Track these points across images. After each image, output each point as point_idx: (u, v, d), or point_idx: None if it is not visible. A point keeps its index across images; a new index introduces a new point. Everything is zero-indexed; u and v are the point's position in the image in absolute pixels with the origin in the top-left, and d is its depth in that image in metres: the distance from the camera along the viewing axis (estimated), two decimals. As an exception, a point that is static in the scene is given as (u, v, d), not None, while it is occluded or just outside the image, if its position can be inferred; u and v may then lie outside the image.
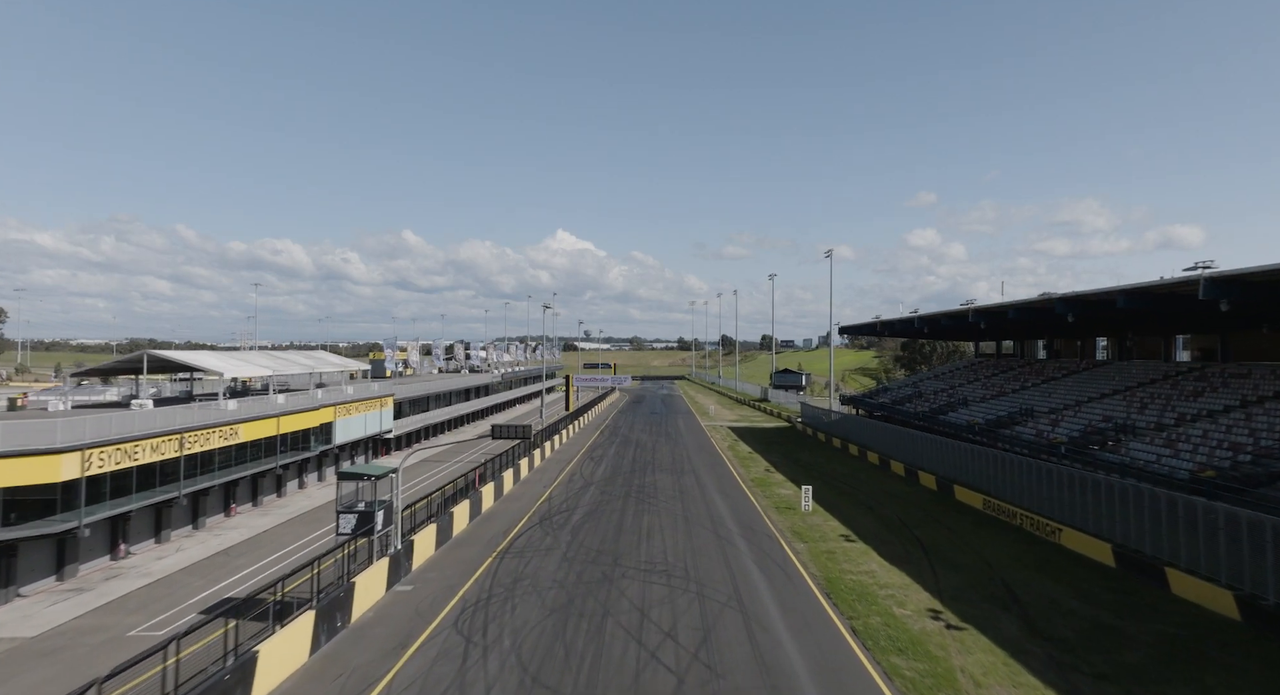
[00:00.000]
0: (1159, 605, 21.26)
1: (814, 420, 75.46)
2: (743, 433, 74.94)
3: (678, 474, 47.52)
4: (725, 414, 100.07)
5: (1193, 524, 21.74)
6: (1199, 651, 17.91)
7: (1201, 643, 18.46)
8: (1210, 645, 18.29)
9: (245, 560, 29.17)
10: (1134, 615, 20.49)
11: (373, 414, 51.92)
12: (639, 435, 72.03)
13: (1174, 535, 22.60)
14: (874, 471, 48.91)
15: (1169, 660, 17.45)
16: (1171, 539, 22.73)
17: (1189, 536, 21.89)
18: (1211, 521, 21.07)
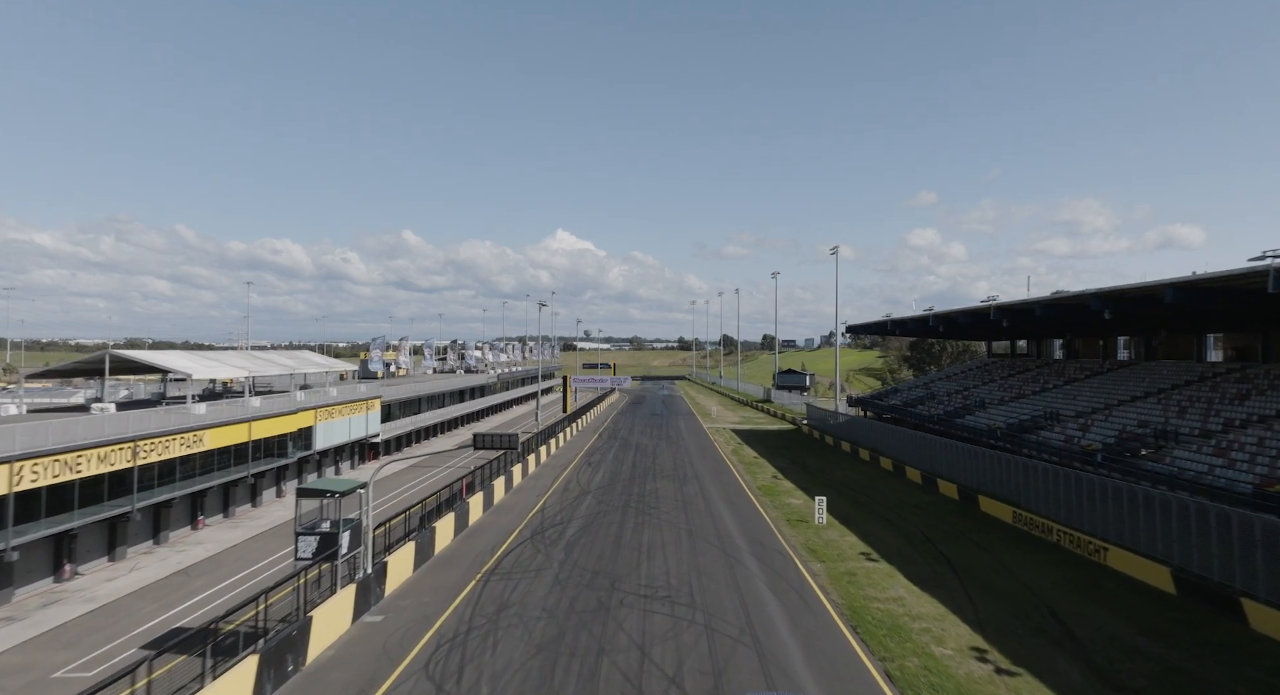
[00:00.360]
0: (1240, 644, 18.48)
1: (820, 422, 72.70)
2: (747, 435, 72.18)
3: (680, 481, 44.77)
4: (728, 415, 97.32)
5: (1273, 548, 18.98)
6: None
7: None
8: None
9: (205, 581, 26.41)
10: (1213, 656, 17.72)
11: (358, 417, 49.17)
12: (639, 438, 69.29)
13: (1249, 560, 19.85)
14: (888, 479, 46.14)
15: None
16: (1246, 564, 19.97)
17: (1270, 562, 19.13)
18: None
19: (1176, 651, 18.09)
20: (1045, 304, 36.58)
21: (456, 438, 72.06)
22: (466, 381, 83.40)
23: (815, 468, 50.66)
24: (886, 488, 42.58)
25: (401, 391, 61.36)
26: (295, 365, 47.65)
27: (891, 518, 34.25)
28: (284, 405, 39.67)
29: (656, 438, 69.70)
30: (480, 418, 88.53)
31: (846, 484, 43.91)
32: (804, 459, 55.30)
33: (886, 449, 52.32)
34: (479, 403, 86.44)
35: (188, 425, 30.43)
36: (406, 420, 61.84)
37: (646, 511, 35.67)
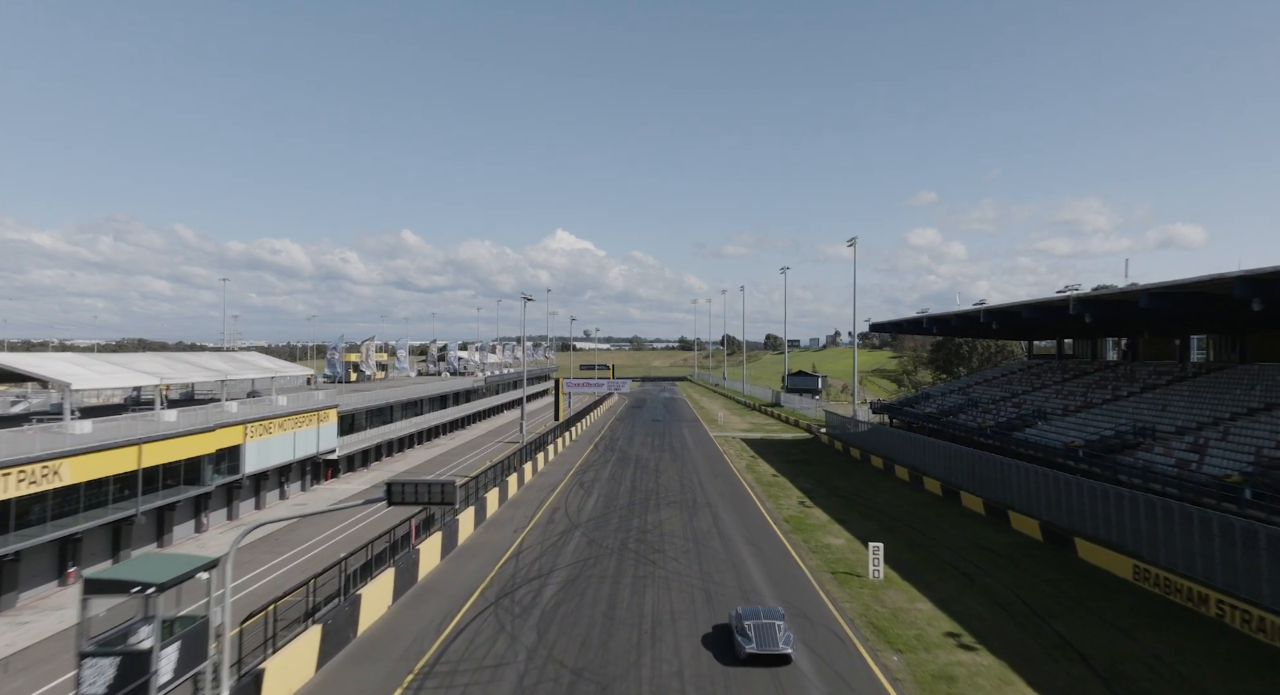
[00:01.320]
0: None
1: (841, 431, 65.07)
2: (760, 446, 64.51)
3: (689, 510, 37.10)
4: (735, 421, 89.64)
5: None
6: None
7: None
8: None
9: (30, 678, 18.71)
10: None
11: (305, 431, 41.49)
12: (639, 450, 61.61)
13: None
14: (940, 507, 38.42)
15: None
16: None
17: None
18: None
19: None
20: (1161, 292, 28.83)
21: (437, 448, 64.42)
22: (449, 385, 75.70)
23: (847, 490, 42.96)
24: (942, 520, 34.87)
25: (368, 399, 53.64)
26: (231, 369, 39.94)
27: (967, 569, 26.56)
28: (195, 421, 31.98)
29: (659, 449, 62.02)
30: (465, 425, 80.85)
31: (891, 514, 36.22)
32: (830, 477, 47.60)
33: (930, 467, 44.64)
34: (463, 409, 78.75)
35: (31, 455, 22.70)
36: (374, 431, 54.12)
37: (649, 558, 27.99)
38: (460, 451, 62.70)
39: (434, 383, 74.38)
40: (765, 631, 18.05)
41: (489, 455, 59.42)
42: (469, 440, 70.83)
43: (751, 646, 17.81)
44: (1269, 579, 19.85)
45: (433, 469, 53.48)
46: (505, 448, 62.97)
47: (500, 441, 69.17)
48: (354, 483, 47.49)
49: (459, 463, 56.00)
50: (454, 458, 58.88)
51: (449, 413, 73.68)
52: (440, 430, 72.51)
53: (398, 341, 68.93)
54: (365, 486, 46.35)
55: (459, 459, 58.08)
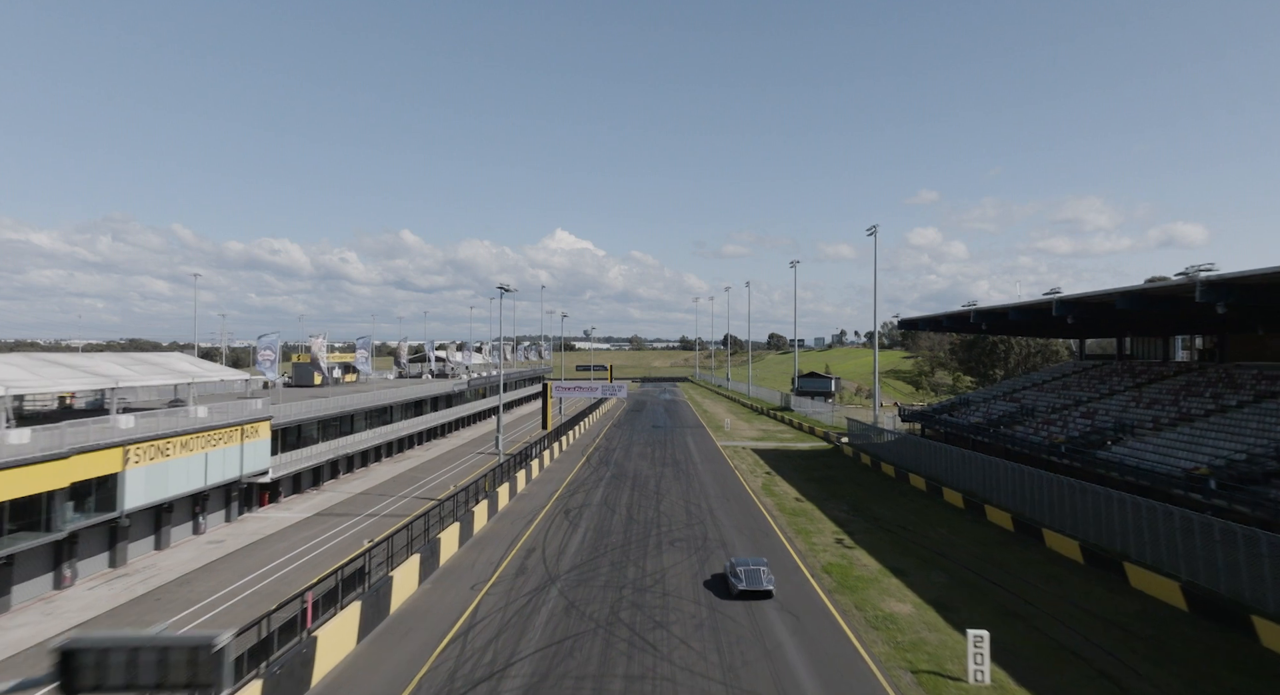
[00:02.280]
0: None
1: (867, 443, 57.21)
2: (774, 459, 56.63)
3: (700, 552, 29.24)
4: (743, 428, 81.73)
5: None
6: None
7: None
8: None
9: None
10: None
11: (224, 450, 33.62)
12: (637, 464, 53.73)
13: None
14: (1018, 549, 30.46)
15: None
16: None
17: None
18: None
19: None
20: None
21: (407, 461, 56.53)
22: (425, 389, 67.80)
23: (890, 521, 35.07)
24: (1028, 570, 26.92)
25: (318, 408, 45.76)
26: (128, 375, 32.01)
27: (1099, 661, 18.65)
28: (48, 443, 24.09)
29: (660, 463, 54.12)
30: (446, 432, 72.96)
31: (957, 559, 28.34)
32: (866, 503, 39.69)
33: (993, 493, 36.77)
34: (443, 415, 70.88)
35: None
36: (326, 446, 46.22)
37: (646, 638, 20.13)
38: (433, 466, 54.80)
39: (409, 386, 66.49)
40: (752, 574, 23.13)
41: (466, 470, 51.58)
42: (448, 451, 62.95)
43: (741, 585, 22.83)
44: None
45: (397, 488, 45.61)
46: (486, 460, 55.07)
47: (482, 452, 61.28)
48: (296, 509, 39.62)
49: (428, 481, 48.10)
50: (424, 474, 50.97)
51: (426, 420, 65.83)
52: (417, 439, 64.66)
53: (359, 341, 60.82)
54: (308, 513, 38.51)
55: (429, 476, 50.18)
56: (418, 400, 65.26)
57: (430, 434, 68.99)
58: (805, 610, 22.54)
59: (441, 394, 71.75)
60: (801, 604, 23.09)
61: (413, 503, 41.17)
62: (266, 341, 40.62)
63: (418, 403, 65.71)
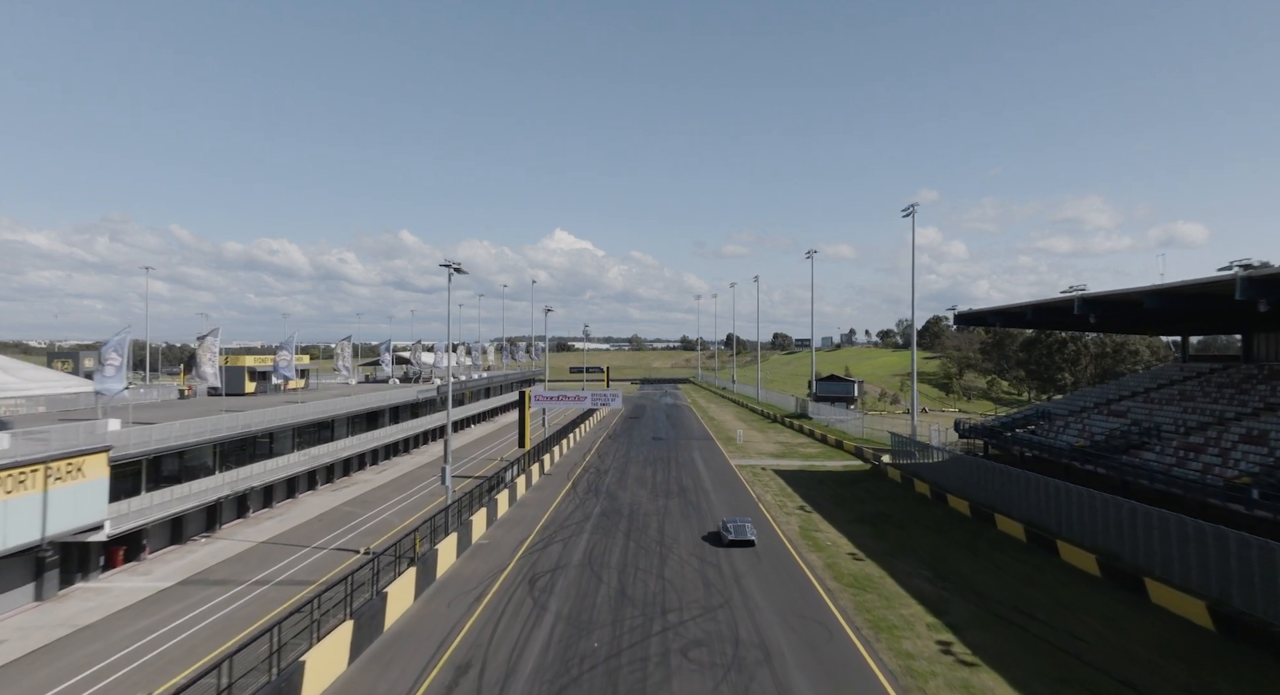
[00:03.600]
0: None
1: (917, 464, 46.33)
2: (804, 485, 45.64)
3: (733, 673, 18.20)
4: (758, 440, 70.75)
5: None
6: None
7: None
8: None
9: None
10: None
11: (22, 501, 22.58)
12: (635, 493, 42.74)
13: None
14: (1242, 665, 19.44)
15: None
16: None
17: None
18: None
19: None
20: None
21: (345, 492, 45.55)
22: (382, 398, 56.75)
23: (1005, 601, 24.04)
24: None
25: (200, 429, 34.66)
26: None
27: None
28: None
29: (663, 492, 43.11)
30: (411, 448, 61.91)
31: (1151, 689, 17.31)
32: (952, 563, 28.63)
33: (1162, 564, 25.63)
34: (403, 428, 59.81)
35: None
36: (220, 479, 35.17)
37: None
38: (380, 495, 43.81)
39: (363, 395, 55.45)
40: (739, 526, 30.91)
41: (420, 502, 40.68)
42: (406, 473, 51.93)
43: (731, 536, 30.34)
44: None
45: (320, 533, 34.64)
46: (455, 482, 44.08)
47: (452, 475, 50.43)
48: (158, 573, 28.60)
49: (366, 519, 37.14)
50: (364, 508, 39.98)
51: (381, 435, 54.79)
52: (371, 458, 53.64)
53: (294, 342, 49.76)
54: (172, 580, 27.52)
55: (370, 511, 39.18)
56: (370, 412, 54.25)
57: (390, 450, 57.97)
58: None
59: (404, 402, 60.75)
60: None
61: (330, 558, 30.19)
62: (114, 343, 29.40)
63: (371, 414, 54.70)
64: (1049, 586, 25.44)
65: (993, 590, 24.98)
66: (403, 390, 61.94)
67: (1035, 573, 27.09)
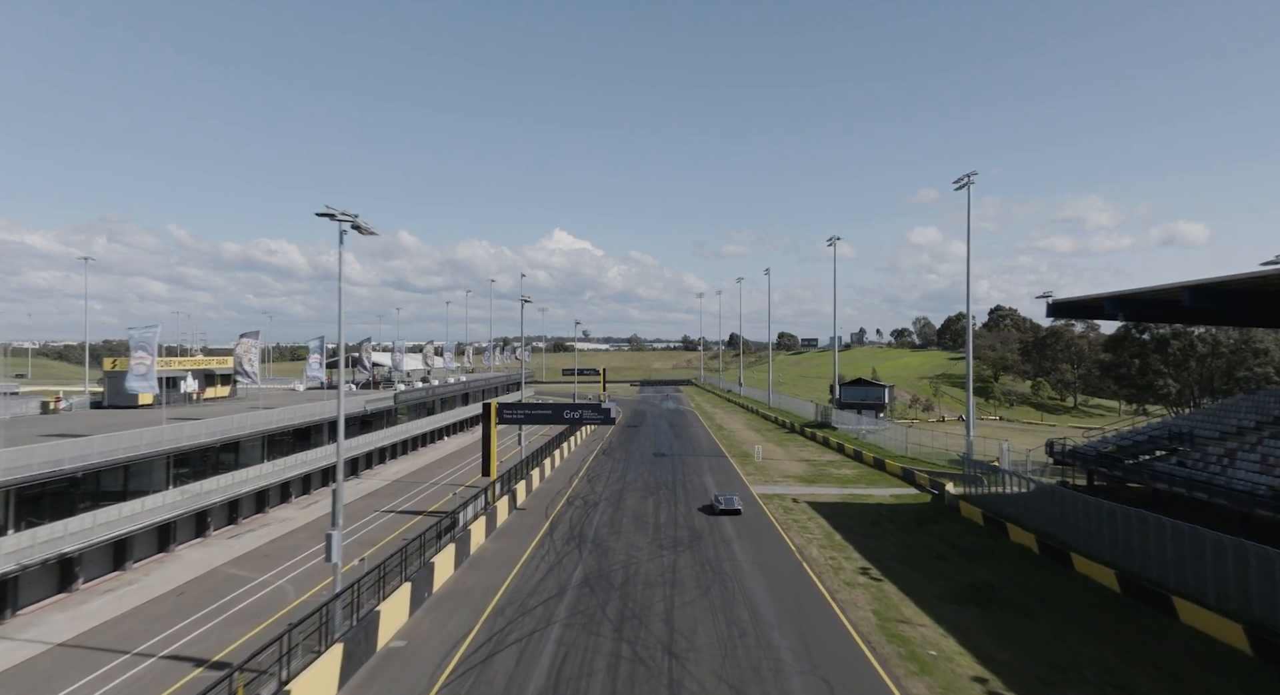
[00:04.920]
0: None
1: (989, 491, 35.15)
2: (854, 526, 34.36)
3: None
4: (779, 457, 59.54)
5: None
6: None
7: None
8: None
9: None
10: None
11: None
12: (630, 543, 31.43)
13: None
14: None
15: None
16: None
17: None
18: None
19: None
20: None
21: (263, 529, 34.27)
22: (316, 411, 45.47)
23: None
24: None
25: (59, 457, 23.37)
26: None
27: None
28: None
29: (671, 546, 31.69)
30: (364, 468, 50.59)
31: None
32: (1133, 685, 17.36)
33: None
34: (348, 446, 48.49)
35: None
36: (42, 533, 23.87)
37: None
38: (280, 551, 32.55)
39: (284, 409, 44.22)
40: (728, 498, 37.76)
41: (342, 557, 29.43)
42: (337, 507, 40.73)
43: (721, 506, 37.02)
44: None
45: (152, 629, 23.43)
46: (399, 522, 32.74)
47: (402, 509, 39.26)
48: None
49: (234, 606, 25.87)
50: (237, 585, 28.71)
51: (310, 458, 43.54)
52: (303, 485, 42.41)
53: (141, 336, 38.34)
54: None
55: (248, 588, 27.93)
56: (305, 426, 42.98)
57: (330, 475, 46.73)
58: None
59: (353, 414, 49.43)
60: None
61: (156, 677, 18.95)
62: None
63: (301, 432, 43.45)
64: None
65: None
66: (352, 399, 50.65)
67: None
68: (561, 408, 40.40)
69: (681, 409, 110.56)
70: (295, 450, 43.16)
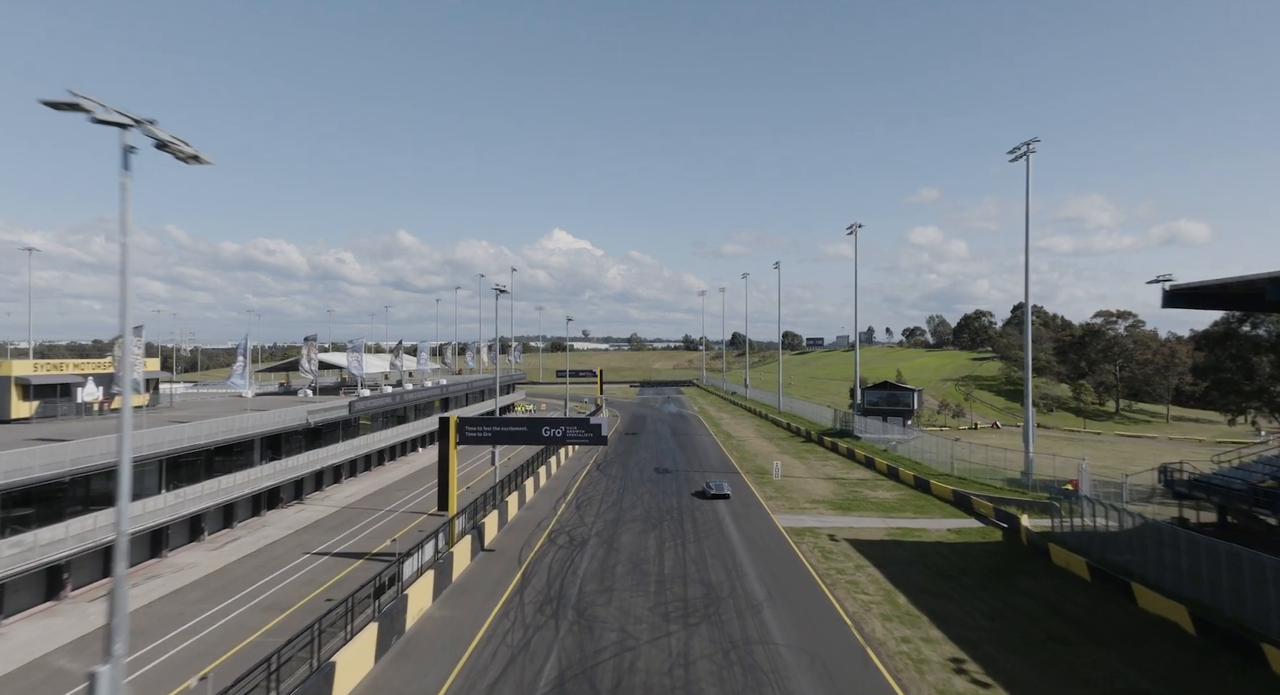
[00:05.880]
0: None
1: (1078, 528, 26.94)
2: (918, 581, 26.12)
3: None
4: (799, 473, 51.30)
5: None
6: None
7: None
8: None
9: None
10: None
11: None
12: (626, 609, 23.19)
13: None
14: None
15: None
16: None
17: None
18: None
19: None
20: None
21: (156, 581, 25.94)
22: (237, 426, 37.05)
23: None
24: None
25: None
26: None
27: None
28: None
29: (679, 616, 23.31)
30: (298, 496, 42.25)
31: None
32: None
33: None
34: (284, 467, 40.16)
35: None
36: None
37: None
38: (156, 623, 24.19)
39: (195, 425, 35.85)
40: (718, 485, 42.17)
41: (198, 652, 21.04)
42: (271, 543, 32.44)
43: (712, 491, 41.47)
44: None
45: None
46: (293, 605, 24.43)
47: (329, 553, 30.95)
48: None
49: None
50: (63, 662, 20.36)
51: (237, 481, 35.20)
52: (225, 516, 34.11)
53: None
54: None
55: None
56: (229, 442, 34.58)
57: (273, 498, 38.37)
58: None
59: (281, 429, 41.07)
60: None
61: None
62: None
63: (228, 447, 35.08)
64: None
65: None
66: (281, 410, 42.21)
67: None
68: (540, 423, 31.98)
69: (684, 413, 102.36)
70: (213, 474, 34.87)
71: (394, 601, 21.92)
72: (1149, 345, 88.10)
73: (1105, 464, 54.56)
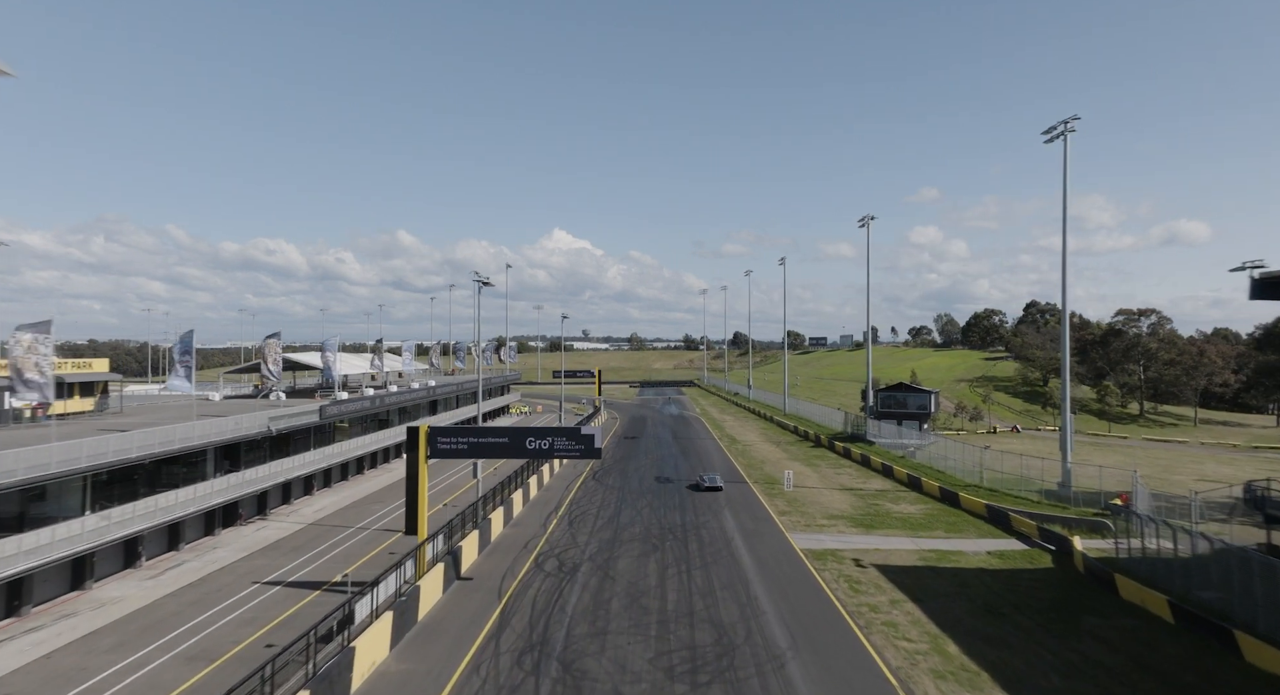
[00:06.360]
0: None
1: (1140, 553, 22.80)
2: (957, 610, 21.97)
3: None
4: (811, 482, 47.16)
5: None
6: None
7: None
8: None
9: None
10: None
11: None
12: (621, 664, 18.92)
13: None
14: None
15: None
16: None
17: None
18: None
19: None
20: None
21: (70, 621, 21.75)
22: (177, 436, 32.84)
23: None
24: None
25: None
26: None
27: None
28: None
29: (687, 675, 19.15)
30: (261, 511, 38.09)
31: None
32: None
33: None
34: (238, 481, 35.96)
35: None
36: None
37: None
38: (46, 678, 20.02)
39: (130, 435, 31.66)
40: (712, 478, 44.80)
41: None
42: (218, 570, 28.31)
43: (706, 484, 43.96)
44: None
45: None
46: (223, 654, 20.26)
47: (281, 583, 26.78)
48: None
49: None
50: None
51: (179, 498, 31.03)
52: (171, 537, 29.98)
53: None
54: None
55: None
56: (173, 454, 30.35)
57: (228, 516, 34.22)
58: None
59: (235, 438, 36.84)
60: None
61: None
62: None
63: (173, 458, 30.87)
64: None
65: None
66: (240, 417, 37.96)
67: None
68: (524, 434, 27.76)
69: (685, 415, 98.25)
70: (157, 489, 30.72)
71: (336, 657, 17.78)
72: (1175, 344, 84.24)
73: (1144, 473, 50.42)
